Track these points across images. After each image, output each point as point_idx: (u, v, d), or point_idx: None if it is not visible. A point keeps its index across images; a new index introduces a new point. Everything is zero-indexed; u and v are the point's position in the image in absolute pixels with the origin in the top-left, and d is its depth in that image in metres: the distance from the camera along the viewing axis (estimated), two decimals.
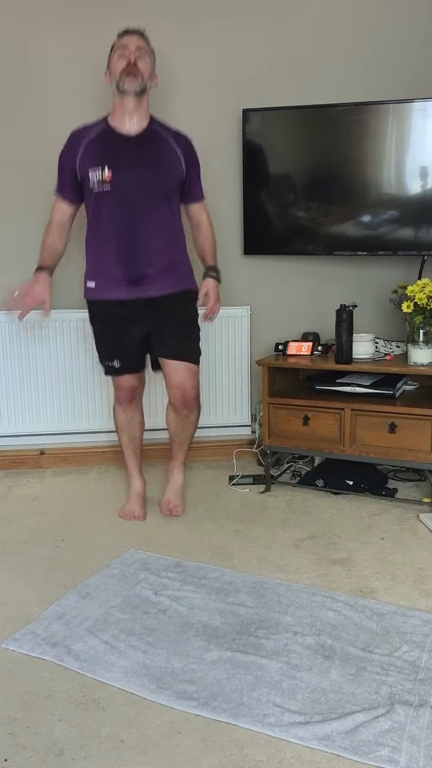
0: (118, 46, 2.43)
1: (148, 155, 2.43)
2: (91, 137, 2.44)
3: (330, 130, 3.01)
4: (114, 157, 2.40)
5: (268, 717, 1.54)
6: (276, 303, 3.31)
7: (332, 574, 2.20)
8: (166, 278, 2.50)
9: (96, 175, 2.39)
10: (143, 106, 2.45)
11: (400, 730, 1.49)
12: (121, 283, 2.48)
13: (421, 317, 2.70)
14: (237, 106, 3.10)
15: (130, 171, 2.40)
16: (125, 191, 2.40)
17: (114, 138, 2.43)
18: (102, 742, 1.49)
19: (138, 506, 2.69)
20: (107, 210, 2.43)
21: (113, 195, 2.40)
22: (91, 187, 2.42)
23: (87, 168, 2.41)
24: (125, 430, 2.71)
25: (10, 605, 2.05)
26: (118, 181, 2.39)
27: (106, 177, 2.38)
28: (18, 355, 3.17)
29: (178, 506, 2.70)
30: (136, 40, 2.42)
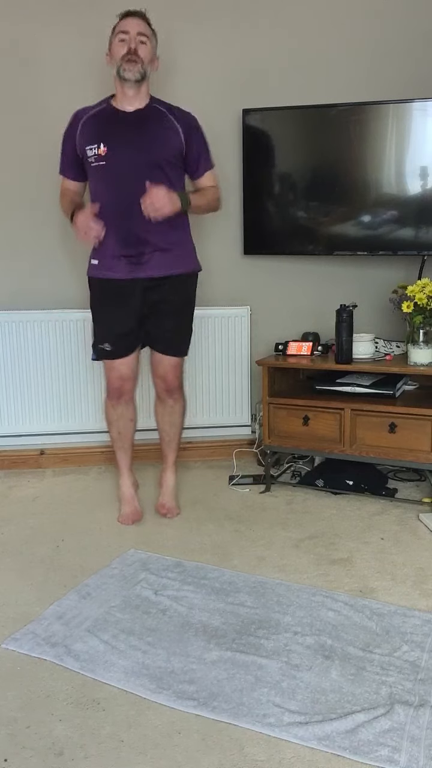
0: (120, 29, 2.42)
1: (144, 129, 2.44)
2: (90, 114, 2.48)
3: (330, 130, 3.01)
4: (110, 132, 2.43)
5: (268, 717, 1.54)
6: (276, 303, 3.31)
7: (332, 574, 2.20)
8: (165, 258, 2.49)
9: (92, 150, 2.43)
10: (143, 90, 2.47)
11: (400, 730, 1.49)
12: (121, 260, 2.48)
13: (421, 317, 2.70)
14: (237, 106, 3.10)
15: (124, 145, 2.41)
16: (120, 165, 2.41)
17: (112, 114, 2.46)
18: (102, 742, 1.49)
19: (132, 508, 2.68)
20: (104, 184, 2.45)
21: (108, 169, 2.42)
22: (90, 162, 2.46)
23: (85, 144, 2.45)
24: (114, 425, 2.69)
25: (10, 605, 2.05)
26: (112, 155, 2.41)
27: (102, 152, 2.41)
28: (18, 355, 3.17)
29: (173, 509, 2.70)
30: (137, 25, 2.41)
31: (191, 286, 2.61)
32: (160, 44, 2.91)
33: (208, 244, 3.24)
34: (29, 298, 3.20)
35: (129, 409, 2.68)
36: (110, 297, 2.54)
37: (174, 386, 2.65)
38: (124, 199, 2.41)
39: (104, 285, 2.53)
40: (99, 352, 2.61)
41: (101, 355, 2.61)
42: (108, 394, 2.67)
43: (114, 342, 2.56)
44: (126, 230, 2.45)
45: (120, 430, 2.70)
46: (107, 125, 2.44)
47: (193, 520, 2.65)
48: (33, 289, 3.20)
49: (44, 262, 3.18)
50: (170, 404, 2.68)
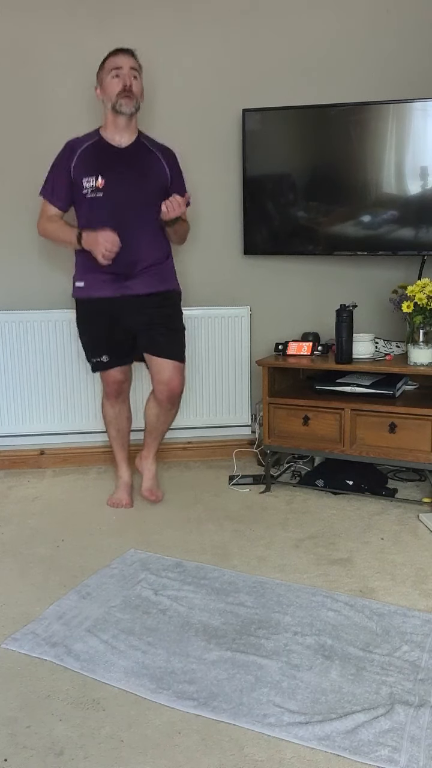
0: (112, 66, 2.55)
1: (137, 165, 2.61)
2: (84, 147, 2.60)
3: (330, 130, 3.01)
4: (106, 166, 2.57)
5: (268, 717, 1.54)
6: (276, 303, 3.31)
7: (332, 574, 2.20)
8: (151, 278, 2.65)
9: (89, 182, 2.56)
10: (133, 123, 2.65)
11: (400, 730, 1.49)
12: (108, 282, 2.61)
13: (421, 317, 2.70)
14: (237, 106, 3.10)
15: (120, 179, 2.57)
16: (116, 198, 2.56)
17: (106, 149, 2.60)
18: (102, 742, 1.49)
19: (126, 495, 2.82)
20: (98, 214, 2.57)
21: (105, 201, 2.57)
22: (84, 193, 2.58)
23: (81, 176, 2.58)
24: (113, 423, 2.86)
25: (10, 605, 2.05)
26: (109, 188, 2.56)
27: (99, 184, 2.55)
28: (18, 355, 3.17)
29: (157, 491, 2.84)
30: (129, 61, 2.56)
31: (174, 302, 2.75)
32: (161, 44, 2.92)
33: (208, 244, 3.24)
34: (29, 298, 3.20)
35: (125, 407, 2.86)
36: (100, 314, 2.67)
37: (177, 393, 2.72)
38: (118, 228, 2.55)
39: (93, 303, 2.67)
40: (95, 364, 2.74)
41: (98, 367, 2.75)
42: (106, 395, 2.82)
43: (110, 353, 2.71)
44: (117, 258, 2.57)
45: (119, 428, 2.86)
46: (104, 159, 2.59)
47: (193, 520, 2.65)
48: (33, 289, 3.20)
49: (44, 262, 3.18)
50: (168, 408, 2.76)
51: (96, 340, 2.71)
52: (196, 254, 3.21)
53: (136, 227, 2.58)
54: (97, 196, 2.56)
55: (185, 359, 2.74)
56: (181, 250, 3.05)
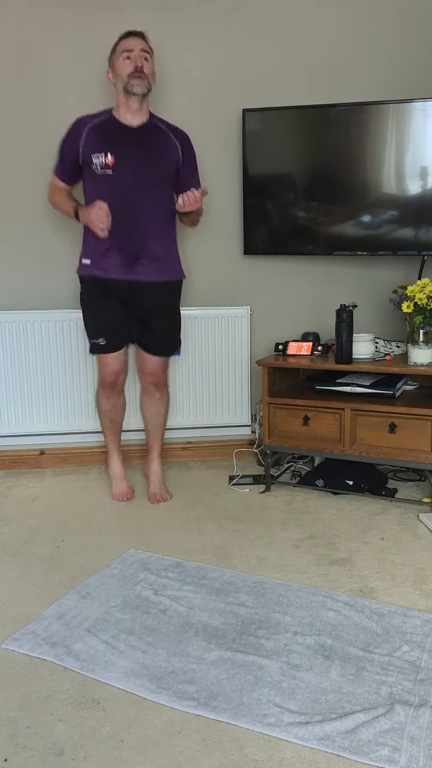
0: (123, 48, 2.55)
1: (148, 144, 2.59)
2: (94, 123, 2.59)
3: (330, 130, 3.01)
4: (117, 143, 2.56)
5: (268, 717, 1.54)
6: (276, 303, 3.31)
7: (332, 574, 2.20)
8: (157, 265, 2.66)
9: (99, 158, 2.55)
10: (145, 105, 2.62)
11: (400, 730, 1.49)
12: (116, 263, 2.62)
13: (421, 317, 2.70)
14: (237, 106, 3.10)
15: (130, 157, 2.56)
16: (125, 175, 2.55)
17: (117, 127, 2.60)
18: (102, 742, 1.49)
19: (125, 486, 2.88)
20: (107, 192, 2.56)
21: (114, 178, 2.56)
22: (93, 169, 2.57)
23: (90, 152, 2.56)
24: (107, 414, 2.88)
25: (10, 605, 2.05)
26: (119, 165, 2.55)
27: (109, 162, 2.54)
28: (18, 355, 3.17)
29: (165, 494, 2.86)
30: (140, 43, 2.56)
31: (177, 292, 2.80)
32: (161, 44, 2.92)
33: (208, 244, 3.24)
34: (29, 298, 3.20)
35: (121, 398, 2.87)
36: (102, 294, 2.68)
37: (161, 380, 2.84)
38: (126, 208, 2.56)
39: (96, 282, 2.67)
40: (93, 346, 2.75)
41: (95, 349, 2.75)
42: (102, 387, 2.83)
43: (107, 336, 2.71)
44: (124, 237, 2.59)
45: (112, 418, 2.89)
46: (114, 136, 2.58)
47: (193, 520, 2.65)
48: (33, 289, 3.20)
49: (44, 262, 3.18)
50: (157, 396, 2.86)
51: (96, 320, 2.72)
52: (196, 254, 3.21)
53: (145, 206, 2.58)
54: (106, 173, 2.55)
55: (172, 353, 2.85)
56: (181, 249, 3.05)
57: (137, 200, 2.57)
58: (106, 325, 2.70)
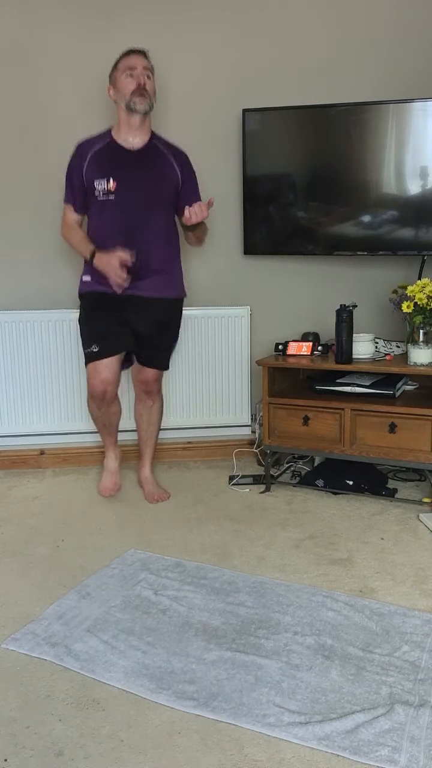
0: (126, 66, 2.56)
1: (149, 168, 2.62)
2: (96, 149, 2.62)
3: (330, 130, 3.01)
4: (118, 168, 2.59)
5: (268, 717, 1.54)
6: (276, 303, 3.31)
7: (332, 574, 2.20)
8: (158, 282, 2.68)
9: (101, 184, 2.58)
10: (147, 123, 2.63)
11: (400, 730, 1.49)
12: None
13: (421, 317, 2.70)
14: (237, 106, 3.10)
15: (132, 182, 2.59)
16: (127, 200, 2.59)
17: (118, 151, 2.62)
18: (102, 742, 1.49)
19: (113, 481, 2.91)
20: (109, 216, 2.61)
21: (116, 203, 2.59)
22: (96, 195, 2.60)
23: (93, 177, 2.60)
24: (99, 419, 2.88)
25: (10, 605, 2.05)
26: (121, 190, 2.58)
27: (111, 187, 2.57)
28: (18, 356, 3.17)
29: (162, 494, 2.87)
30: (142, 61, 2.57)
31: (177, 310, 2.81)
32: (161, 44, 2.92)
33: (208, 245, 3.23)
34: (29, 298, 3.20)
35: (113, 406, 2.83)
36: (100, 305, 2.68)
37: (153, 389, 2.84)
38: (128, 230, 2.60)
39: (96, 297, 2.67)
40: (88, 355, 2.72)
41: (89, 358, 2.72)
42: (91, 397, 2.78)
43: (100, 342, 2.68)
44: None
45: (105, 423, 2.88)
46: (115, 162, 2.60)
47: (193, 520, 2.65)
48: (33, 289, 3.20)
49: (44, 262, 3.18)
50: (149, 404, 2.86)
51: (91, 329, 2.70)
52: (196, 254, 3.21)
53: (147, 230, 2.61)
54: (108, 198, 2.59)
55: (167, 367, 2.86)
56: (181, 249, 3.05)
57: (138, 222, 2.60)
58: (100, 332, 2.68)
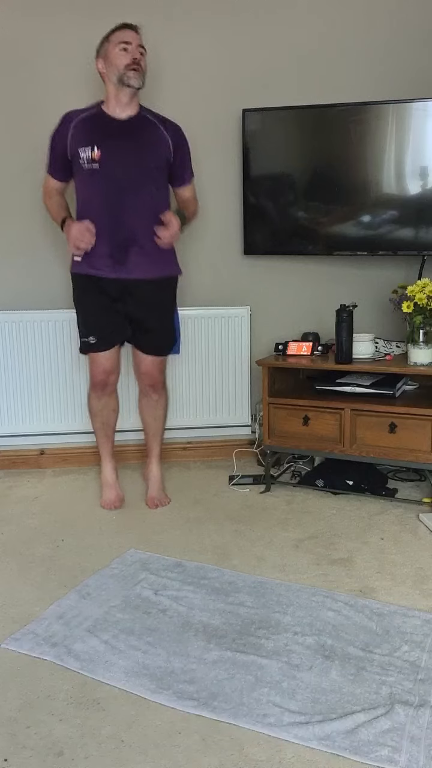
0: (120, 39, 2.51)
1: (136, 137, 2.55)
2: (82, 117, 2.56)
3: (330, 130, 3.01)
4: (103, 137, 2.52)
5: (268, 717, 1.54)
6: (276, 303, 3.31)
7: (332, 574, 2.20)
8: (149, 261, 2.60)
9: (86, 152, 2.51)
10: (136, 99, 2.58)
11: (400, 730, 1.49)
12: (107, 260, 2.57)
13: (421, 317, 2.70)
14: (237, 106, 3.10)
15: (118, 151, 2.52)
16: (113, 169, 2.51)
17: (104, 120, 2.56)
18: (102, 742, 1.49)
19: (115, 494, 2.81)
20: (95, 187, 2.53)
21: (101, 173, 2.51)
22: (81, 164, 2.53)
23: (77, 146, 2.53)
24: (98, 416, 2.80)
25: (10, 605, 2.05)
26: (106, 159, 2.50)
27: (95, 156, 2.50)
28: (18, 355, 3.17)
29: (164, 499, 2.81)
30: (136, 37, 2.52)
31: (171, 289, 2.73)
32: (161, 44, 2.92)
33: (208, 244, 3.24)
34: (29, 298, 3.20)
35: (112, 399, 2.79)
36: (94, 292, 2.63)
37: (157, 381, 2.76)
38: (114, 202, 2.52)
39: (88, 281, 2.62)
40: (83, 345, 2.70)
41: (85, 348, 2.70)
42: (92, 387, 2.76)
43: (98, 334, 2.65)
44: (114, 232, 2.55)
45: (104, 421, 2.81)
46: (101, 130, 2.53)
47: (193, 520, 2.65)
48: (33, 289, 3.20)
49: (44, 263, 3.18)
50: (155, 399, 2.80)
51: (87, 318, 2.66)
52: (196, 254, 3.21)
53: (135, 200, 2.52)
54: (93, 167, 2.50)
55: (167, 353, 2.76)
56: (181, 249, 3.05)
57: (126, 194, 2.51)
58: (97, 323, 2.64)
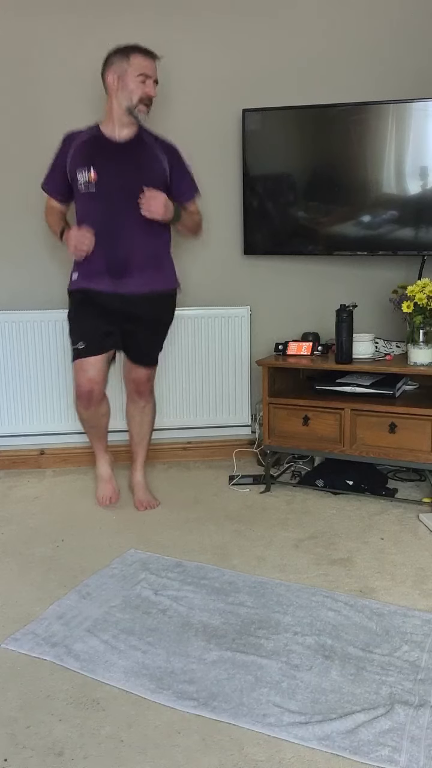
0: (141, 68, 2.51)
1: (133, 159, 2.57)
2: (81, 140, 2.58)
3: (330, 130, 3.01)
4: (100, 159, 2.55)
5: (268, 717, 1.54)
6: (276, 303, 3.31)
7: (332, 574, 2.20)
8: (147, 276, 2.62)
9: (83, 175, 2.54)
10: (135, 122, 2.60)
11: (400, 730, 1.49)
12: (104, 275, 2.58)
13: (421, 317, 2.70)
14: (237, 106, 3.10)
15: (114, 173, 2.54)
16: (109, 192, 2.53)
17: (102, 142, 2.58)
18: (102, 742, 1.49)
19: (111, 489, 2.82)
20: (93, 209, 2.56)
21: (98, 195, 2.54)
22: (79, 188, 2.56)
23: (75, 168, 2.56)
24: (87, 422, 2.81)
25: (10, 605, 2.05)
26: (102, 182, 2.53)
27: (92, 178, 2.52)
28: (18, 355, 3.17)
29: (151, 501, 2.80)
30: (155, 70, 2.55)
31: (170, 303, 2.74)
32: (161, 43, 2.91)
33: (208, 244, 3.24)
34: (29, 298, 3.20)
35: (101, 406, 2.76)
36: (89, 303, 2.63)
37: (145, 389, 2.78)
38: (111, 224, 2.54)
39: (85, 294, 2.63)
40: (74, 352, 2.68)
41: (75, 355, 2.68)
42: (78, 397, 2.71)
43: (87, 339, 2.63)
44: (111, 253, 2.57)
45: (93, 425, 2.81)
46: (98, 152, 2.56)
47: (193, 520, 2.65)
48: (33, 289, 3.20)
49: (44, 263, 3.18)
50: (141, 405, 2.80)
51: (78, 325, 2.65)
52: (196, 254, 3.21)
53: (132, 224, 2.53)
54: (89, 190, 2.53)
55: (156, 363, 2.78)
56: (181, 249, 3.05)
57: (122, 215, 2.53)
58: (87, 328, 2.63)
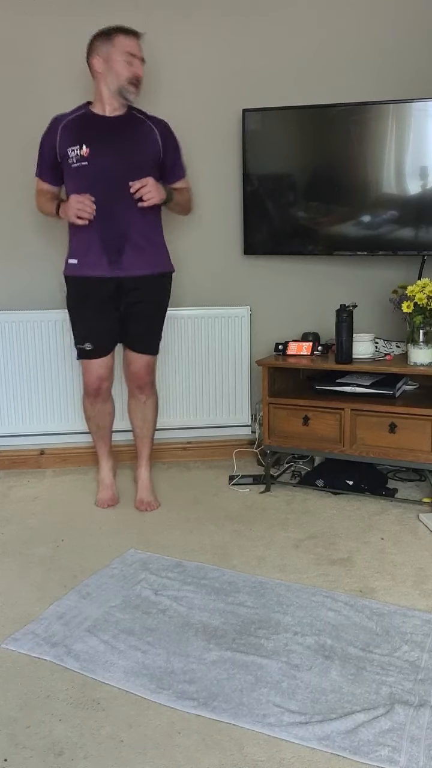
0: (125, 47, 2.51)
1: (125, 133, 2.55)
2: (70, 119, 2.57)
3: (330, 130, 3.01)
4: (92, 135, 2.53)
5: (268, 717, 1.54)
6: (276, 303, 3.31)
7: (332, 574, 2.20)
8: (144, 257, 2.60)
9: (74, 151, 2.51)
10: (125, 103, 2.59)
11: (400, 730, 1.49)
12: (102, 259, 2.57)
13: (421, 317, 2.70)
14: (237, 106, 3.10)
15: (107, 147, 2.52)
16: (102, 166, 2.51)
17: (93, 119, 2.57)
18: (102, 742, 1.49)
19: (110, 494, 2.83)
20: (85, 184, 2.52)
21: (91, 169, 2.51)
22: (70, 163, 2.54)
23: (66, 146, 2.54)
24: (93, 420, 2.82)
25: (10, 605, 2.05)
26: (95, 156, 2.51)
27: (84, 153, 2.50)
28: (18, 355, 3.17)
29: (152, 503, 2.78)
30: (141, 49, 2.53)
31: (166, 286, 2.73)
32: (160, 43, 2.92)
33: (208, 244, 3.24)
34: (29, 298, 3.20)
35: (107, 404, 2.80)
36: (90, 296, 2.62)
37: (145, 382, 2.75)
38: (105, 200, 2.51)
39: (83, 283, 2.62)
40: (80, 351, 2.69)
41: (82, 355, 2.69)
42: (86, 394, 2.76)
43: (95, 341, 2.65)
44: (107, 229, 2.54)
45: (99, 423, 2.82)
46: (89, 128, 2.54)
47: (193, 520, 2.65)
48: (33, 289, 3.20)
49: (44, 263, 3.18)
50: (142, 400, 2.78)
51: (83, 325, 2.65)
52: (195, 254, 3.21)
53: (125, 196, 2.50)
54: (82, 164, 2.50)
55: (157, 351, 2.75)
56: (181, 249, 3.05)
57: (116, 190, 2.49)
58: (93, 330, 2.63)
